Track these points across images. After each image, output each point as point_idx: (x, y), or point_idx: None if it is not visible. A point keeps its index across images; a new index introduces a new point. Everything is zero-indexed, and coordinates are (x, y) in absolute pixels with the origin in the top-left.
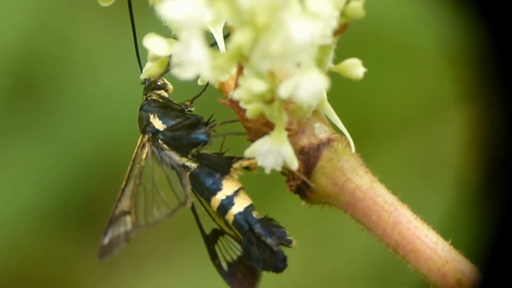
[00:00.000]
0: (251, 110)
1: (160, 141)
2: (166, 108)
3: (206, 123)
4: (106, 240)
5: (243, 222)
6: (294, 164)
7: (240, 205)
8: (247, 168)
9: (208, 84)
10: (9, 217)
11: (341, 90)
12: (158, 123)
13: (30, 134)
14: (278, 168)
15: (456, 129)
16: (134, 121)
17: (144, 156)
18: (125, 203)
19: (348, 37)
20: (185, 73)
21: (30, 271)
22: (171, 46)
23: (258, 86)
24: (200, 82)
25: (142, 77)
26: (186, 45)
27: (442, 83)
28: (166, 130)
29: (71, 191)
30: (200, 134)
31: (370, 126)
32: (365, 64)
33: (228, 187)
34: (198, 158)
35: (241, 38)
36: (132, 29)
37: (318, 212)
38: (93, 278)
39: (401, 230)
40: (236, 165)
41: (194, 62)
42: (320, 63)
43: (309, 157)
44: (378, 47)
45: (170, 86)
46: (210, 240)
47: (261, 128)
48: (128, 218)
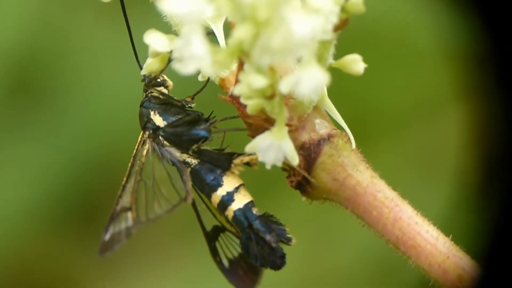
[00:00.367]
0: (252, 105)
1: (160, 137)
2: (166, 104)
3: (207, 119)
4: (107, 236)
5: (243, 219)
6: (295, 159)
7: (240, 201)
8: (248, 164)
9: (209, 80)
10: (8, 215)
11: (341, 87)
12: (158, 120)
13: (29, 132)
14: (279, 163)
15: (455, 126)
16: (134, 118)
17: (144, 152)
18: (126, 199)
19: (348, 34)
20: (185, 68)
21: (30, 269)
22: (172, 42)
23: (259, 81)
24: (200, 78)
25: (143, 73)
26: (186, 40)
27: (441, 81)
28: (166, 126)
29: (71, 189)
30: (200, 130)
31: (370, 122)
32: (365, 61)
33: (228, 183)
34: (198, 154)
35: (241, 33)
36: (127, 27)
37: (319, 208)
38: (93, 275)
39: (401, 226)
40: (236, 161)
41: (195, 58)
42: (320, 59)
43: (309, 152)
44: (378, 45)
45: (170, 83)
46: (211, 237)
47: (261, 123)
48: (129, 214)
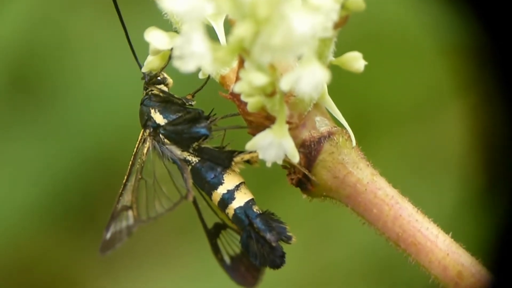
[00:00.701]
0: (252, 103)
1: (161, 135)
2: (167, 102)
3: (207, 117)
4: (108, 235)
5: (243, 217)
6: (295, 157)
7: (240, 199)
8: (248, 161)
9: (209, 77)
10: (8, 213)
11: (342, 84)
12: (159, 118)
13: (28, 130)
14: (279, 161)
15: (455, 123)
16: (134, 115)
17: (145, 151)
18: (127, 198)
19: (348, 32)
20: (186, 66)
21: (29, 268)
22: (172, 39)
23: (259, 79)
24: (201, 76)
25: (143, 70)
26: (187, 38)
27: (441, 78)
28: (167, 124)
29: (70, 187)
30: (201, 128)
31: (370, 119)
32: (365, 58)
33: (229, 181)
34: (199, 152)
35: (242, 31)
36: (122, 25)
37: (319, 205)
38: (93, 273)
39: (402, 223)
40: (237, 158)
41: (196, 55)
42: (321, 56)
43: (310, 150)
44: (378, 42)
45: (170, 80)
46: (212, 234)
47: (262, 121)
48: (130, 213)
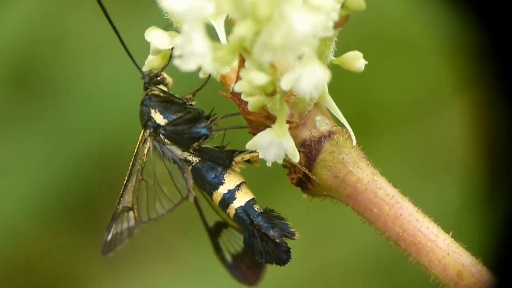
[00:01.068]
0: (253, 102)
1: (161, 135)
2: (167, 102)
3: (208, 117)
4: (110, 236)
5: (244, 216)
6: (296, 156)
7: (241, 199)
8: (249, 161)
9: (210, 76)
10: (9, 212)
11: (342, 83)
12: (159, 118)
13: (29, 128)
14: (280, 161)
15: (456, 123)
16: (135, 114)
17: (146, 151)
18: (127, 199)
19: (348, 31)
20: (187, 65)
21: (31, 266)
22: (173, 39)
23: (260, 78)
24: (201, 75)
25: (145, 69)
26: (188, 37)
27: (442, 76)
28: (167, 124)
29: (72, 185)
30: (201, 128)
31: (371, 119)
32: (365, 57)
33: (230, 181)
34: (199, 152)
35: (242, 30)
36: (114, 30)
37: (319, 205)
38: (94, 272)
39: (402, 223)
40: (237, 158)
41: (196, 55)
42: (321, 56)
43: (310, 149)
44: (379, 41)
45: (170, 80)
46: (214, 233)
47: (262, 121)
48: (131, 214)
